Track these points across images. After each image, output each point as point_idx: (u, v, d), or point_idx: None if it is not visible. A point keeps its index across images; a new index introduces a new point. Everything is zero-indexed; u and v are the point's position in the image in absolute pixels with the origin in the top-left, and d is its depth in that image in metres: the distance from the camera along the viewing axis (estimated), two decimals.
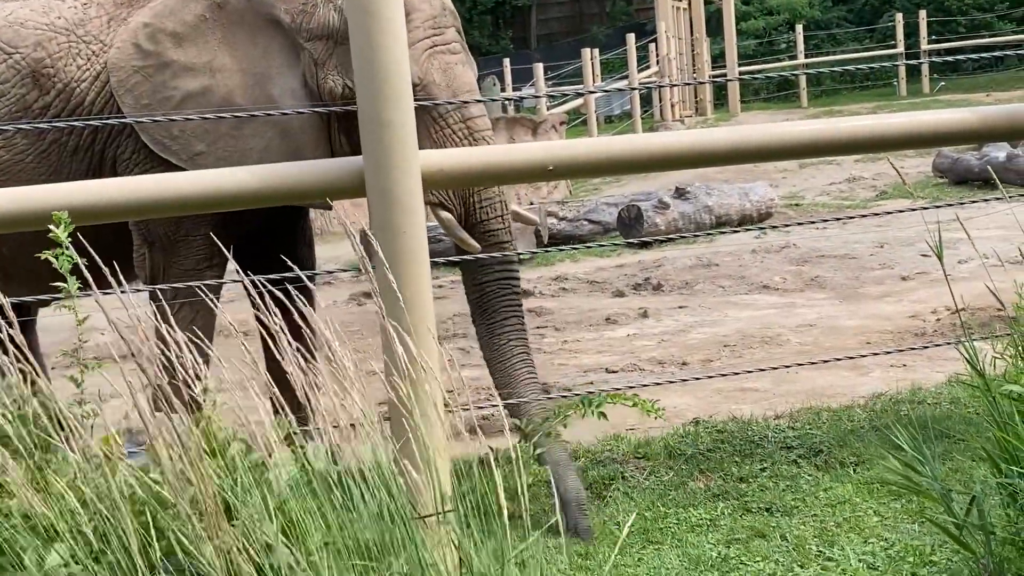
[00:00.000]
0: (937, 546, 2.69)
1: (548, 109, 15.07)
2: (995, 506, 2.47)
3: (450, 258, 3.36)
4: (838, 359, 4.10)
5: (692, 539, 2.93)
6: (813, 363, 4.21)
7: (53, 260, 2.01)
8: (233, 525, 1.65)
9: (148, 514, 1.65)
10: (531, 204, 9.21)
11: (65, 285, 1.97)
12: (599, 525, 3.06)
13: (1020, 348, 2.36)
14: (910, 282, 6.33)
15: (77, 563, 1.64)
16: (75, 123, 3.33)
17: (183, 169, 3.20)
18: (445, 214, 3.16)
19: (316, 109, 3.22)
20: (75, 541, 1.64)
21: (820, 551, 2.78)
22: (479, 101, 3.26)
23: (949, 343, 4.32)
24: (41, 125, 3.29)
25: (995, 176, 3.04)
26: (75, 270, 2.01)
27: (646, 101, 18.41)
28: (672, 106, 17.92)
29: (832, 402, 3.98)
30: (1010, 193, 2.67)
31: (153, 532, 1.67)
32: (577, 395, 3.11)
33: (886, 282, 6.42)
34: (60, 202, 2.50)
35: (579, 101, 16.03)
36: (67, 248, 2.03)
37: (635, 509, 3.16)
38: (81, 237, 2.08)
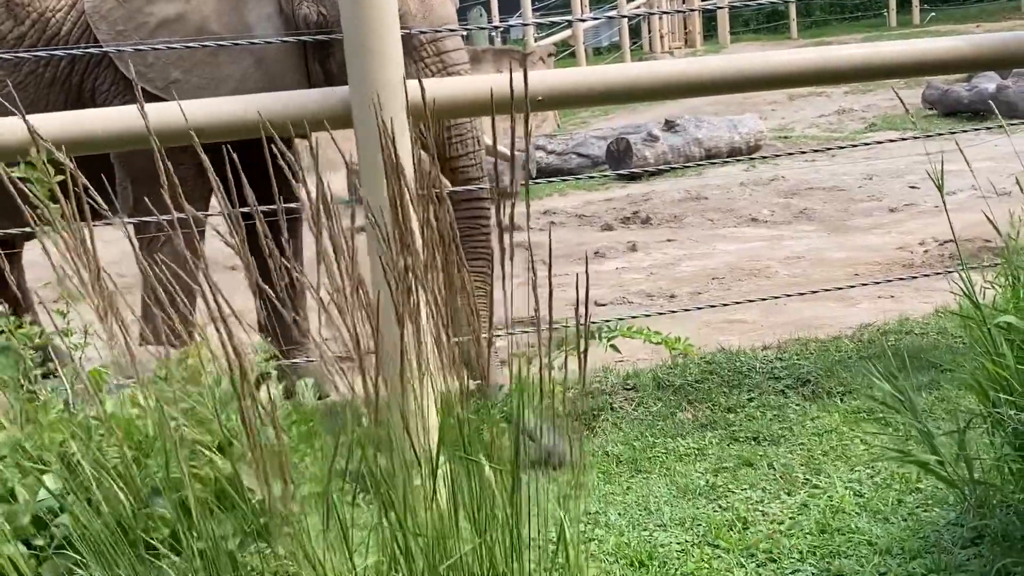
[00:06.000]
0: (923, 474, 2.72)
1: (536, 40, 14.87)
2: (981, 434, 2.49)
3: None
4: (826, 290, 4.11)
5: (680, 468, 2.95)
6: (801, 294, 4.22)
7: (35, 187, 1.97)
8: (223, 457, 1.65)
9: (137, 446, 1.65)
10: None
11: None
12: (588, 455, 3.08)
13: (1011, 278, 2.36)
14: (898, 214, 6.33)
15: (67, 495, 1.64)
16: (56, 52, 3.26)
17: (160, 98, 3.14)
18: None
19: (300, 37, 3.16)
20: (66, 473, 1.64)
21: (807, 479, 2.81)
22: (466, 30, 3.21)
23: (938, 273, 4.34)
24: (22, 53, 3.21)
25: (993, 107, 3.01)
26: (55, 200, 1.96)
27: (635, 33, 18.17)
28: (661, 37, 17.72)
29: (820, 333, 4.00)
30: (1000, 124, 2.64)
31: (142, 464, 1.67)
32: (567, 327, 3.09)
33: (874, 214, 6.42)
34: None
35: (567, 32, 15.81)
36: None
37: (624, 439, 3.18)
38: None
